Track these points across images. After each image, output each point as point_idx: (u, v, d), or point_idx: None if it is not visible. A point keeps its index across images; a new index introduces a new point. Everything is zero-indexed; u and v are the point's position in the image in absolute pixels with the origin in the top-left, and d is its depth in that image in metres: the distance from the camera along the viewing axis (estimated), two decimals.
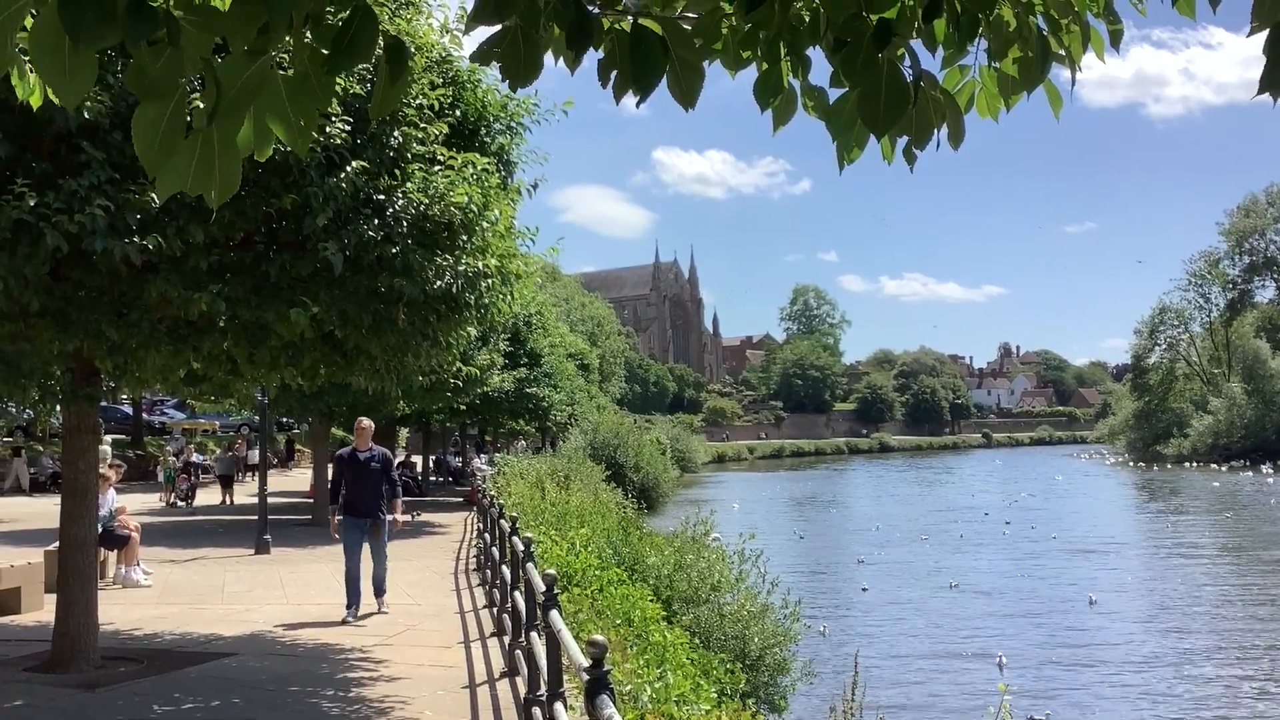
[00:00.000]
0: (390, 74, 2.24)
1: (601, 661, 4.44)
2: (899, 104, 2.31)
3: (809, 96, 2.63)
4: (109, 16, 1.81)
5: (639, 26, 2.28)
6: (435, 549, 19.52)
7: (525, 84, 2.31)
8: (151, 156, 2.05)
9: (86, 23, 1.79)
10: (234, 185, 2.18)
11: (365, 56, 2.09)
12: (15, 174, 7.31)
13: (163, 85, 1.99)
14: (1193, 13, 2.53)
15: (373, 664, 9.65)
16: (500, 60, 2.28)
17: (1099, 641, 19.10)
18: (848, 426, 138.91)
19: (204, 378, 9.98)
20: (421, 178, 8.38)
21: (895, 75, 2.30)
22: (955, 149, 2.65)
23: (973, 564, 28.61)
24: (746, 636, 12.94)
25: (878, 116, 2.33)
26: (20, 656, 9.81)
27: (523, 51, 2.26)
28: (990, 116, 2.85)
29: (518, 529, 9.82)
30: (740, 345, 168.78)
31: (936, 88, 2.53)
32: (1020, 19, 2.54)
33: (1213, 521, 39.70)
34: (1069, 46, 2.70)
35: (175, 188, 2.14)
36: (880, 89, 2.30)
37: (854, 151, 2.61)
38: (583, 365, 51.06)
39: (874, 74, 2.29)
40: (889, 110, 2.32)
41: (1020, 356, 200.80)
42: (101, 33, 1.81)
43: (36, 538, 16.52)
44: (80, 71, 1.88)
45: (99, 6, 1.80)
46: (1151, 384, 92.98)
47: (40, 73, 1.89)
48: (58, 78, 1.88)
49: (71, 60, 1.86)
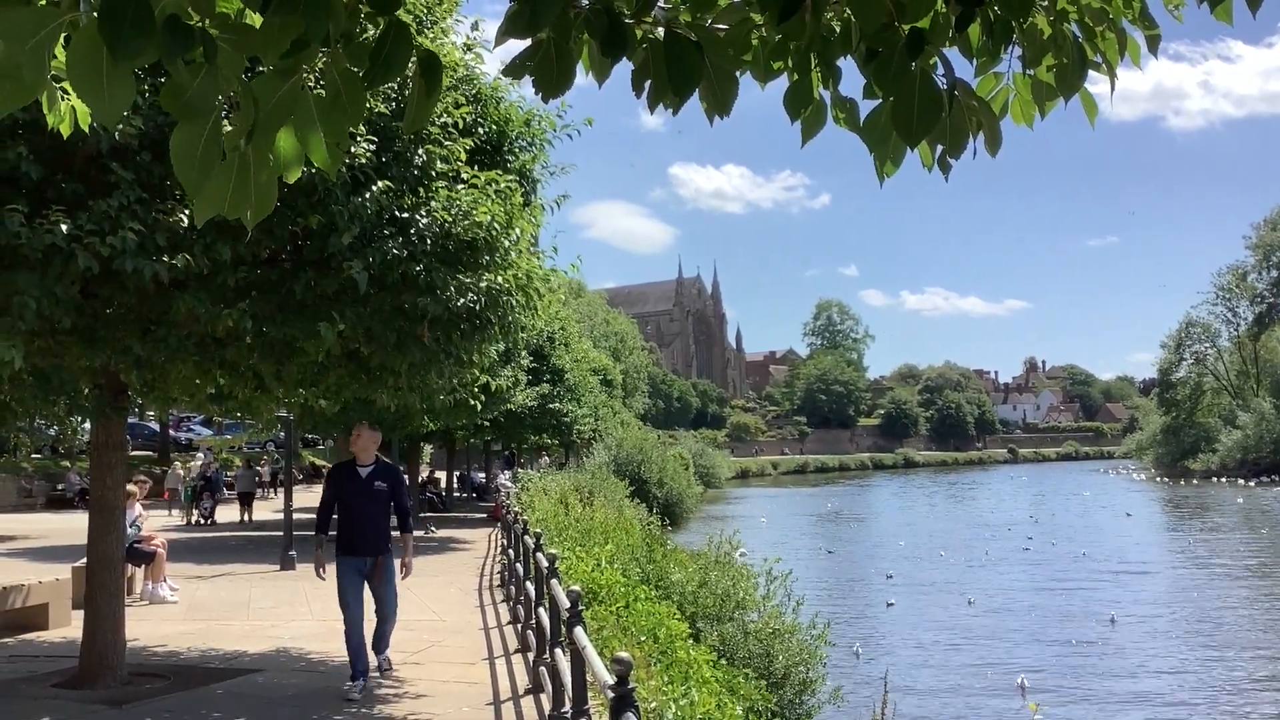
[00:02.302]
0: (425, 89, 2.26)
1: (626, 679, 4.43)
2: (933, 113, 2.30)
3: (839, 108, 2.61)
4: (148, 33, 1.83)
5: (673, 34, 2.29)
6: (459, 565, 19.55)
7: (557, 95, 2.33)
8: (192, 178, 2.07)
9: (126, 38, 1.81)
10: (270, 205, 2.20)
11: (399, 71, 2.11)
12: (46, 194, 7.40)
13: (199, 105, 2.01)
14: (1230, 18, 2.50)
15: (397, 681, 9.65)
16: (533, 74, 2.29)
17: (1121, 660, 18.87)
18: (872, 442, 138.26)
19: (230, 395, 10.04)
20: (445, 196, 8.43)
21: (928, 85, 2.30)
22: (993, 155, 2.62)
23: (996, 580, 28.36)
24: (771, 654, 12.86)
25: (911, 126, 2.32)
26: (48, 672, 9.88)
27: (555, 64, 2.27)
28: (1025, 124, 2.81)
29: (541, 545, 9.82)
30: (764, 360, 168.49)
31: (972, 95, 2.51)
32: (1055, 26, 2.52)
33: (1241, 538, 39.23)
34: (1105, 53, 2.68)
35: (213, 211, 2.16)
36: (914, 99, 2.29)
37: (889, 166, 2.58)
38: (606, 381, 51.08)
39: (907, 84, 2.28)
40: (922, 120, 2.31)
41: (1046, 371, 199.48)
42: (140, 48, 1.83)
43: (64, 554, 16.64)
44: (118, 91, 1.90)
45: (138, 22, 1.82)
46: (1179, 399, 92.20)
47: (79, 93, 1.91)
48: (95, 98, 1.90)
49: (110, 80, 1.88)
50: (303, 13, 1.94)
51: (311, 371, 9.09)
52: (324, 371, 9.12)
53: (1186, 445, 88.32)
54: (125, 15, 1.81)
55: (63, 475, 35.94)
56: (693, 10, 2.35)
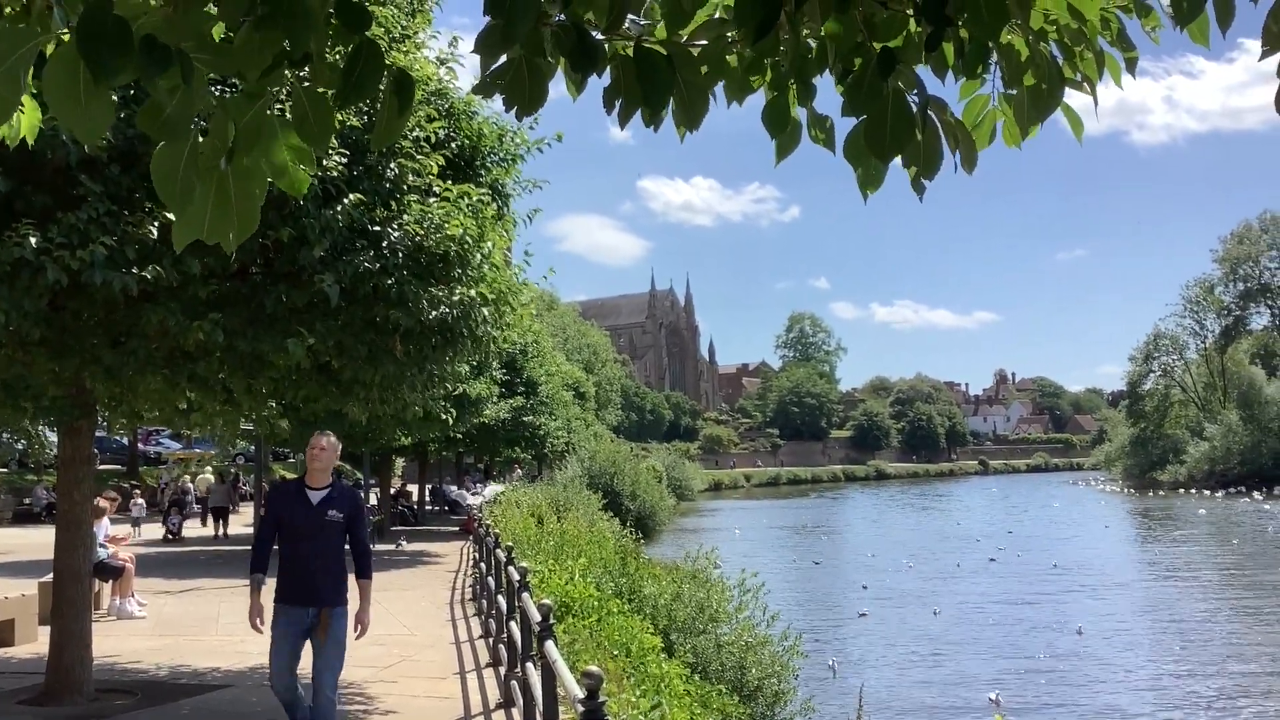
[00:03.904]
0: (397, 106, 2.25)
1: (596, 693, 4.44)
2: (905, 132, 2.34)
3: (817, 127, 2.64)
4: (127, 53, 1.84)
5: (643, 49, 2.31)
6: (431, 578, 19.47)
7: (530, 112, 2.33)
8: (175, 197, 2.07)
9: (105, 58, 1.83)
10: (252, 226, 2.19)
11: (371, 91, 2.12)
12: (14, 206, 7.35)
13: (178, 125, 2.02)
14: (1206, 39, 2.52)
15: (367, 697, 9.61)
16: (505, 91, 2.30)
17: (1089, 671, 19.00)
18: (844, 454, 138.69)
19: (199, 409, 9.98)
20: (418, 209, 8.43)
21: (900, 104, 2.33)
22: (969, 173, 2.64)
23: (965, 591, 28.52)
24: (744, 667, 12.90)
25: (884, 145, 2.35)
26: (14, 689, 9.76)
27: (527, 81, 2.28)
28: (1014, 145, 2.81)
29: (513, 559, 9.80)
30: (736, 373, 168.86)
31: (946, 112, 2.53)
32: (1033, 47, 2.54)
33: (1209, 550, 39.60)
34: (1084, 72, 2.70)
35: (193, 235, 2.16)
36: (886, 117, 2.32)
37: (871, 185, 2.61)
38: (579, 393, 51.06)
39: (880, 103, 2.32)
40: (895, 138, 2.34)
41: (1016, 383, 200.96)
42: (119, 66, 1.84)
43: (31, 569, 16.46)
44: (96, 110, 1.91)
45: (117, 43, 1.83)
46: (1147, 410, 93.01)
47: (58, 114, 1.91)
48: (75, 117, 1.91)
49: (87, 99, 1.89)
50: (284, 27, 1.94)
51: (282, 385, 9.04)
52: (295, 385, 9.08)
53: (1155, 457, 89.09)
54: (104, 36, 1.82)
55: (29, 489, 35.51)
56: (668, 27, 2.37)
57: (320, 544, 7.02)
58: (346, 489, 7.35)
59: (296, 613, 6.94)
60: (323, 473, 7.18)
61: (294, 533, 7.04)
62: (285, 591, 7.03)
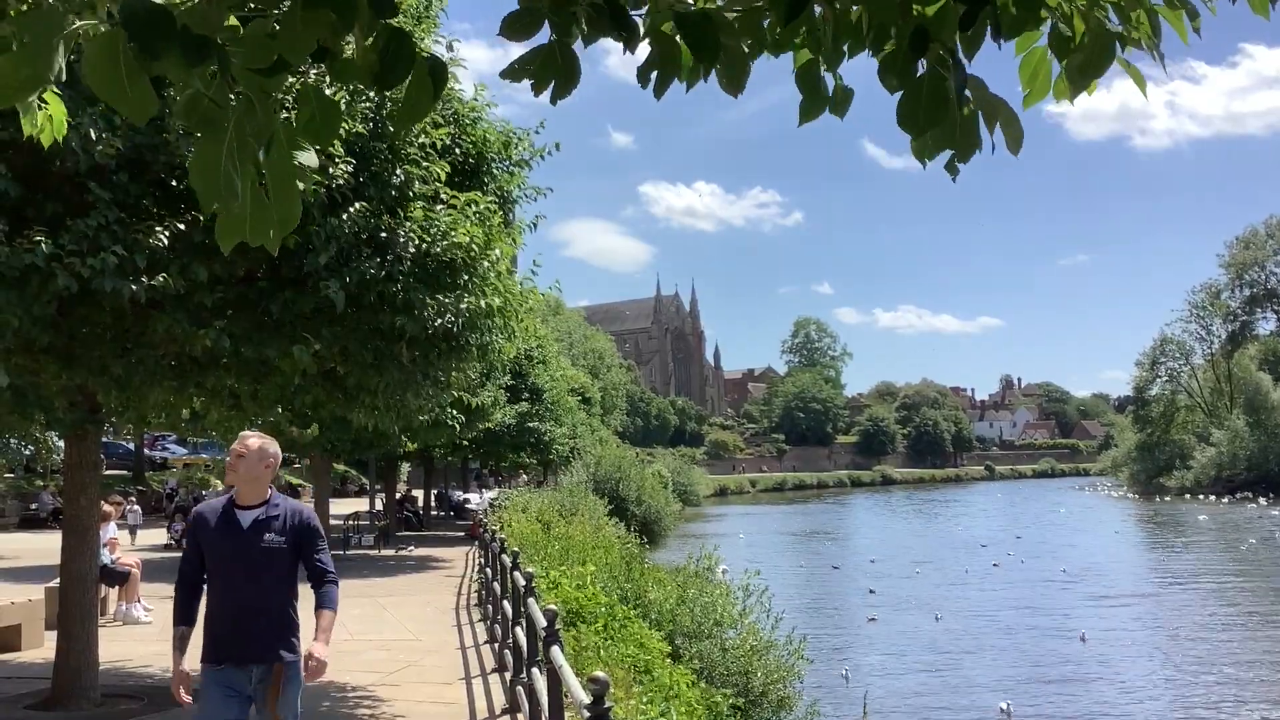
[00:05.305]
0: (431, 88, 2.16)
1: (603, 699, 4.45)
2: (940, 110, 2.28)
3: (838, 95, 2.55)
4: (170, 36, 1.85)
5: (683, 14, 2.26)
6: (437, 583, 19.48)
7: (562, 96, 2.29)
8: (218, 193, 2.05)
9: (151, 38, 1.83)
10: (293, 222, 2.17)
11: (404, 75, 2.09)
12: (25, 213, 7.38)
13: (217, 118, 2.01)
14: (1267, 12, 2.43)
15: (374, 702, 9.62)
16: (533, 76, 2.25)
17: (1099, 679, 18.95)
18: (850, 459, 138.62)
19: (205, 415, 10.00)
20: (424, 216, 8.44)
21: (935, 80, 2.27)
22: (1015, 154, 2.51)
23: (973, 597, 28.48)
24: (750, 672, 12.88)
25: (918, 121, 2.30)
26: (21, 694, 9.78)
27: (560, 63, 2.24)
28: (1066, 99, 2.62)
29: (519, 564, 9.81)
30: (742, 378, 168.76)
31: (986, 91, 2.42)
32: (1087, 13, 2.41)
33: (1217, 556, 39.49)
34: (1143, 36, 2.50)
35: (236, 238, 2.14)
36: (920, 94, 2.27)
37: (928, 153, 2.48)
38: (584, 399, 51.07)
39: (913, 78, 2.27)
40: (929, 114, 2.28)
41: (1022, 389, 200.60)
42: (165, 50, 1.84)
43: (37, 574, 16.48)
44: (140, 92, 1.91)
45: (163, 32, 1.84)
46: (1153, 416, 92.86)
47: (104, 97, 1.91)
48: (120, 98, 1.90)
49: (130, 82, 1.89)
50: (333, 4, 1.93)
51: (288, 391, 9.06)
52: (301, 391, 9.10)
53: (1161, 462, 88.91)
54: (148, 20, 1.83)
55: (36, 495, 35.57)
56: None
57: (254, 580, 5.28)
58: (289, 504, 5.45)
59: (232, 675, 5.24)
60: (252, 485, 5.35)
61: (222, 567, 5.31)
62: (213, 648, 5.30)
